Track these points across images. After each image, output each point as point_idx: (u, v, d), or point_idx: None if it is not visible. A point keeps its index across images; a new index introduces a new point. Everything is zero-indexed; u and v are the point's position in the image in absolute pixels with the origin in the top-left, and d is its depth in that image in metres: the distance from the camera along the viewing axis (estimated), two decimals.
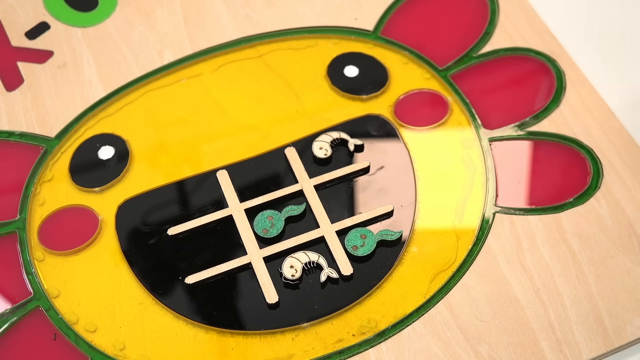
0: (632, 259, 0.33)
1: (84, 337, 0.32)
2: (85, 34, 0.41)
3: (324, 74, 0.39)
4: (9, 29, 0.42)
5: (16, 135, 0.38)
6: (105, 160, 0.37)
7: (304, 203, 0.35)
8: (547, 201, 0.35)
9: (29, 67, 0.40)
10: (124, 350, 0.32)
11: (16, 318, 0.32)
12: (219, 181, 0.36)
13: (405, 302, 0.32)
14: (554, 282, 0.33)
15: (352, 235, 0.34)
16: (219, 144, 0.37)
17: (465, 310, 0.32)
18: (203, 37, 0.41)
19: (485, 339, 0.31)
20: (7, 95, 0.39)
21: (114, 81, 0.39)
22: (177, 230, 0.34)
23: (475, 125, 0.37)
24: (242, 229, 0.34)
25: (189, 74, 0.40)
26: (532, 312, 0.32)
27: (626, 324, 0.31)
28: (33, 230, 0.35)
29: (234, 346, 0.32)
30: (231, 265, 0.33)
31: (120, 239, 0.34)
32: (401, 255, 0.34)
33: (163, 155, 0.37)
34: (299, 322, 0.32)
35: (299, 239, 0.34)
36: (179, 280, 0.33)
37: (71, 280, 0.33)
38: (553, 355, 0.31)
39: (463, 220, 0.34)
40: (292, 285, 0.33)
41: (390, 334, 0.32)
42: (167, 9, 0.42)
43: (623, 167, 0.36)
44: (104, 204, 0.35)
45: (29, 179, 0.36)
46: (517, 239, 0.34)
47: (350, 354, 0.31)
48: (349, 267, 0.33)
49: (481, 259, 0.33)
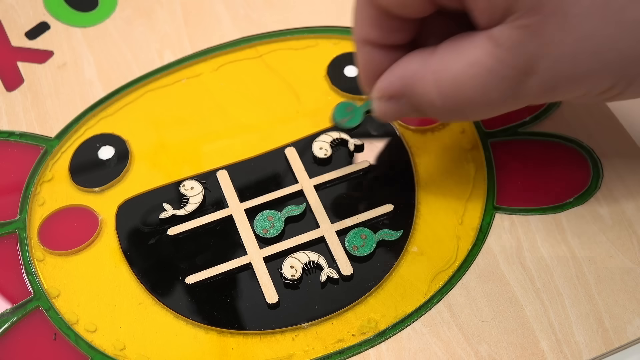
0: (632, 259, 0.33)
1: (84, 337, 0.32)
2: (85, 34, 0.41)
3: (324, 74, 0.39)
4: (9, 29, 0.42)
5: (16, 135, 0.38)
6: (105, 160, 0.37)
7: (304, 203, 0.35)
8: (547, 201, 0.35)
9: (29, 67, 0.40)
10: (124, 350, 0.32)
11: (16, 318, 0.32)
12: (219, 181, 0.36)
13: (405, 302, 0.32)
14: (554, 282, 0.33)
15: (352, 235, 0.34)
16: (219, 144, 0.37)
17: (465, 310, 0.32)
18: (203, 37, 0.41)
19: (485, 339, 0.31)
20: (7, 95, 0.39)
21: (114, 81, 0.39)
22: (177, 230, 0.34)
23: (476, 125, 0.37)
24: (242, 229, 0.34)
25: (189, 74, 0.40)
26: (532, 312, 0.32)
27: (626, 324, 0.31)
28: (33, 230, 0.35)
29: (234, 346, 0.32)
30: (231, 265, 0.33)
31: (120, 239, 0.34)
32: (401, 255, 0.34)
33: (163, 155, 0.37)
34: (299, 322, 0.32)
35: (299, 239, 0.34)
36: (179, 280, 0.33)
37: (71, 280, 0.33)
38: (553, 355, 0.31)
39: (463, 220, 0.35)
40: (292, 285, 0.33)
41: (390, 334, 0.32)
42: (167, 9, 0.42)
43: (623, 167, 0.36)
44: (104, 204, 0.35)
45: (29, 179, 0.36)
46: (517, 239, 0.34)
47: (350, 354, 0.31)
48: (349, 267, 0.33)
49: (481, 259, 0.33)
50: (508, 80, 0.27)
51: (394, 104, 0.30)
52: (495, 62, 0.26)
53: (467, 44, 0.27)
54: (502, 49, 0.26)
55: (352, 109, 0.33)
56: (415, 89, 0.29)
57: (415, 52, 0.30)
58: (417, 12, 0.28)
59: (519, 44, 0.26)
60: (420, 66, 0.29)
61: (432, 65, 0.28)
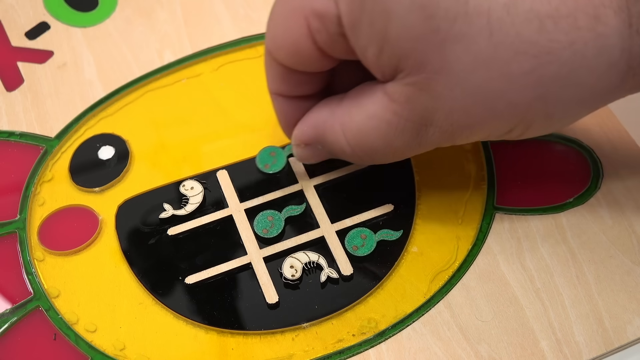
0: (632, 259, 0.33)
1: (84, 337, 0.32)
2: (85, 34, 0.41)
3: None
4: (9, 29, 0.42)
5: (16, 135, 0.38)
6: (105, 160, 0.37)
7: (304, 203, 0.35)
8: (547, 201, 0.35)
9: (29, 67, 0.40)
10: (124, 350, 0.32)
11: (16, 318, 0.32)
12: (219, 181, 0.36)
13: (405, 302, 0.32)
14: (554, 282, 0.33)
15: (352, 235, 0.34)
16: (219, 144, 0.37)
17: (465, 310, 0.32)
18: (203, 37, 0.41)
19: (485, 339, 0.31)
20: (7, 95, 0.39)
21: (114, 81, 0.39)
22: (177, 230, 0.34)
23: None
24: (242, 229, 0.34)
25: (189, 74, 0.40)
26: (532, 312, 0.32)
27: (626, 324, 0.31)
28: (33, 230, 0.35)
29: (234, 346, 0.32)
30: (231, 265, 0.33)
31: (120, 239, 0.34)
32: (401, 255, 0.34)
33: (163, 155, 0.37)
34: (299, 322, 0.32)
35: (299, 239, 0.34)
36: (179, 280, 0.33)
37: (71, 280, 0.33)
38: (553, 355, 0.31)
39: (463, 220, 0.35)
40: (292, 285, 0.33)
41: (390, 334, 0.32)
42: (167, 9, 0.42)
43: (623, 167, 0.36)
44: (104, 204, 0.35)
45: (29, 179, 0.36)
46: (517, 239, 0.34)
47: (350, 354, 0.31)
48: (349, 267, 0.33)
49: (481, 259, 0.33)
50: (408, 130, 0.28)
51: (311, 150, 0.32)
52: (393, 116, 0.28)
53: (367, 97, 0.29)
54: (397, 104, 0.27)
55: (276, 153, 0.35)
56: (326, 138, 0.31)
57: (325, 101, 0.31)
58: (317, 68, 0.30)
59: (411, 99, 0.27)
60: (329, 116, 0.30)
61: (339, 115, 0.30)
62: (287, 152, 0.35)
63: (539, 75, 0.26)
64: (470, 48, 0.26)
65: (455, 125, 0.28)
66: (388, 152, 0.29)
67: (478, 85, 0.26)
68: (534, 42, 0.26)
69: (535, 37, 0.26)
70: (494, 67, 0.26)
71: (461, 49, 0.26)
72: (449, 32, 0.25)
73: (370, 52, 0.27)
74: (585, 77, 0.26)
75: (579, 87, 0.27)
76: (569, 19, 0.26)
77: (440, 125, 0.28)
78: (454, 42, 0.26)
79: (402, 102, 0.27)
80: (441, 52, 0.26)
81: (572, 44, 0.26)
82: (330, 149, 0.31)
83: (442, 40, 0.26)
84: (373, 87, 0.29)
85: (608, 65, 0.26)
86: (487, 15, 0.25)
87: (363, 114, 0.29)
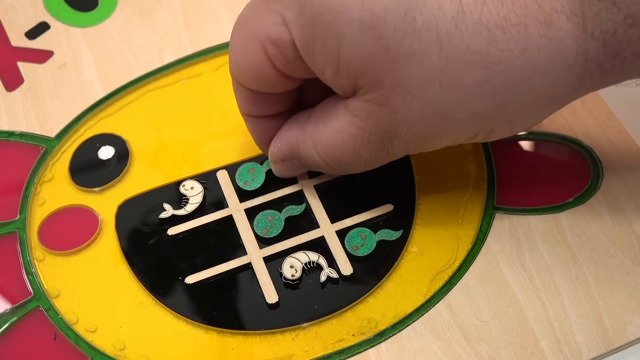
0: (632, 258, 0.33)
1: (84, 337, 0.32)
2: (85, 34, 0.41)
3: None
4: (9, 29, 0.42)
5: (16, 135, 0.38)
6: (105, 160, 0.37)
7: (303, 203, 0.35)
8: (547, 201, 0.35)
9: (29, 67, 0.40)
10: (124, 350, 0.32)
11: (16, 318, 0.32)
12: (219, 181, 0.36)
13: (405, 302, 0.32)
14: (554, 282, 0.33)
15: (352, 235, 0.34)
16: (219, 144, 0.37)
17: (465, 310, 0.32)
18: (203, 37, 0.41)
19: (485, 339, 0.31)
20: (7, 95, 0.39)
21: (114, 81, 0.39)
22: (177, 230, 0.34)
23: None
24: (242, 229, 0.34)
25: (189, 74, 0.40)
26: (532, 312, 0.32)
27: (626, 324, 0.31)
28: (33, 230, 0.35)
29: (234, 346, 0.32)
30: (231, 265, 0.33)
31: (120, 239, 0.34)
32: (401, 255, 0.34)
33: (163, 155, 0.37)
34: (299, 322, 0.32)
35: (299, 239, 0.34)
36: (179, 280, 0.33)
37: (71, 280, 0.33)
38: (553, 355, 0.31)
39: (463, 220, 0.35)
40: (292, 285, 0.33)
41: (390, 334, 0.32)
42: (167, 9, 0.42)
43: (623, 167, 0.36)
44: (104, 204, 0.35)
45: (29, 179, 0.36)
46: (517, 239, 0.34)
47: (350, 354, 0.31)
48: (349, 267, 0.33)
49: (481, 259, 0.33)
50: (373, 143, 0.29)
51: (287, 165, 0.34)
52: (357, 130, 0.29)
53: (332, 113, 0.30)
54: (359, 119, 0.29)
55: (255, 170, 0.36)
56: (300, 152, 0.32)
57: (295, 117, 0.32)
58: (281, 89, 0.31)
59: (371, 114, 0.28)
60: (299, 132, 0.32)
61: (309, 131, 0.31)
62: (266, 168, 0.36)
63: (492, 85, 0.27)
64: (422, 63, 0.26)
65: (418, 135, 0.29)
66: (358, 163, 0.30)
67: (434, 98, 0.27)
68: (484, 52, 0.26)
69: (485, 48, 0.26)
70: (447, 80, 0.27)
71: (414, 64, 0.26)
72: (399, 50, 0.26)
73: (327, 72, 0.28)
74: (539, 82, 0.27)
75: (534, 92, 0.27)
76: (519, 27, 0.26)
77: (404, 136, 0.29)
78: (406, 58, 0.26)
79: (364, 117, 0.28)
80: (394, 68, 0.26)
81: (524, 52, 0.26)
82: (306, 162, 0.32)
83: (393, 57, 0.26)
84: (337, 103, 0.30)
85: (563, 69, 0.27)
86: (435, 30, 0.26)
87: (330, 129, 0.30)
